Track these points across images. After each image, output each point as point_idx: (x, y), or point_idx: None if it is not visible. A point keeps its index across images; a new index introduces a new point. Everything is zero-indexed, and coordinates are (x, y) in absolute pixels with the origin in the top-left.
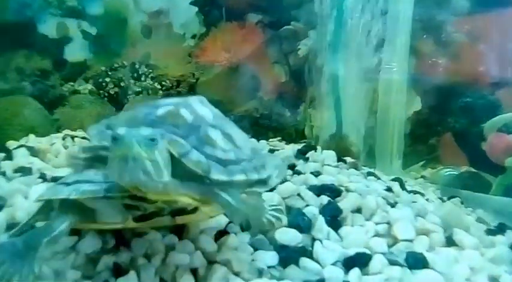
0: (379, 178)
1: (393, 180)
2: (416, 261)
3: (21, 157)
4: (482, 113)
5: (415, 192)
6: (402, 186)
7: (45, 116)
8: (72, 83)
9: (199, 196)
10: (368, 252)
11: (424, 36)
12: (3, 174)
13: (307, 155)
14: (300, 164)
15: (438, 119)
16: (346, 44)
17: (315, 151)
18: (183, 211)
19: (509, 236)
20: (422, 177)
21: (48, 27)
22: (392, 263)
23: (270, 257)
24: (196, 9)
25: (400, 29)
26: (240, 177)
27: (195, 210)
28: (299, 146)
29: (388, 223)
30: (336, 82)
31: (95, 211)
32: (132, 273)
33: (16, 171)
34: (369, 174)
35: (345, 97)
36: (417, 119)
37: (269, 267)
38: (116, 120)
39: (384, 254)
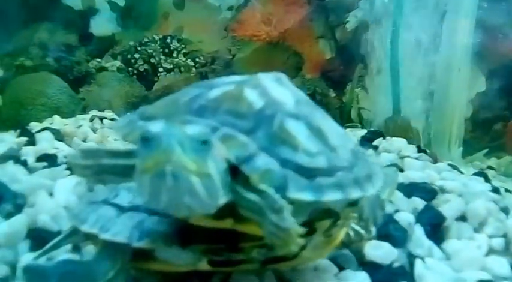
0: (461, 172)
1: (475, 174)
2: None
3: (45, 142)
4: None
5: (506, 190)
6: (487, 181)
7: (70, 95)
8: (98, 60)
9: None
10: (489, 278)
11: (492, 6)
12: (25, 164)
13: (374, 143)
14: (370, 156)
15: (505, 102)
16: (404, 15)
17: (383, 138)
18: (279, 258)
19: None
20: (489, 167)
21: None
22: None
23: (359, 279)
24: None
25: None
26: (333, 196)
27: (295, 255)
28: (359, 132)
29: (504, 236)
30: (393, 59)
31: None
32: None
33: (39, 159)
34: (450, 166)
35: (403, 76)
36: (480, 102)
37: None
38: (154, 107)
39: (507, 279)
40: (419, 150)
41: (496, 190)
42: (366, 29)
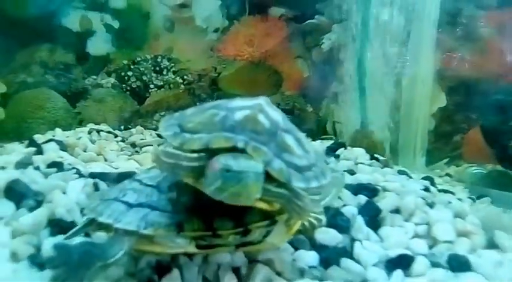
0: (410, 177)
1: (424, 179)
2: (459, 264)
3: (52, 151)
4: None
5: (446, 191)
6: (433, 186)
7: (67, 109)
8: (94, 77)
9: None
10: (410, 253)
11: (451, 30)
12: (38, 168)
13: (337, 152)
14: (331, 162)
15: (463, 116)
16: (372, 38)
17: (345, 148)
18: (248, 243)
19: None
20: (447, 175)
21: (72, 21)
22: (435, 265)
23: (310, 257)
24: (219, 2)
25: (426, 23)
26: (314, 183)
27: (260, 241)
28: (327, 143)
29: (427, 224)
30: (361, 77)
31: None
32: (175, 271)
33: (49, 166)
34: (400, 172)
35: (370, 92)
36: (442, 116)
37: (310, 267)
38: (187, 120)
39: (425, 255)
40: (372, 158)
41: (427, 189)
42: (339, 50)
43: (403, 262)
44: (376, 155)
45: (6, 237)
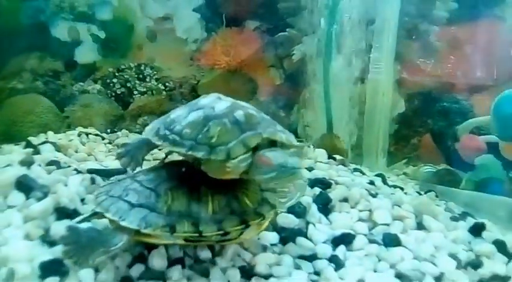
0: (364, 173)
1: (376, 175)
2: (390, 240)
3: (48, 152)
4: (457, 116)
5: (396, 187)
6: (384, 181)
7: (56, 113)
8: (82, 83)
9: None
10: (352, 233)
11: (409, 43)
12: (40, 166)
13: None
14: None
15: (420, 121)
16: (337, 49)
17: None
18: (227, 240)
19: (469, 222)
20: (404, 174)
21: (60, 31)
22: (372, 242)
23: (272, 237)
24: (199, 15)
25: (386, 36)
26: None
27: (236, 238)
28: None
29: (369, 210)
30: (327, 85)
31: None
32: (161, 248)
33: (48, 164)
34: (355, 170)
35: (335, 99)
36: (401, 120)
37: (272, 244)
38: (202, 136)
39: (365, 235)
40: (329, 157)
41: (372, 183)
42: (308, 60)
43: (346, 239)
44: (334, 155)
45: (20, 222)
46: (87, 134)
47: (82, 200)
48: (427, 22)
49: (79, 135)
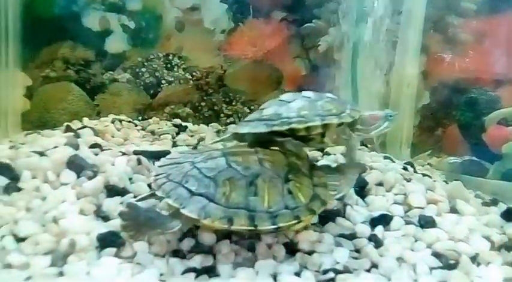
0: (394, 161)
1: (406, 163)
2: (426, 222)
3: (88, 136)
4: (484, 107)
5: (424, 175)
6: (414, 169)
7: (87, 101)
8: (111, 72)
9: None
10: (389, 214)
11: (434, 35)
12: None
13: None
14: (330, 148)
15: (444, 113)
16: (364, 40)
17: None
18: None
19: (501, 207)
20: (428, 164)
21: (92, 21)
22: (408, 223)
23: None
24: (226, 6)
25: (412, 28)
26: None
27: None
28: None
29: (404, 194)
30: (353, 76)
31: None
32: None
33: (92, 146)
34: (385, 157)
35: (361, 90)
36: (425, 112)
37: (312, 224)
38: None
39: (401, 217)
40: (362, 144)
41: (405, 169)
42: (334, 51)
43: (383, 220)
44: (365, 143)
45: (74, 198)
46: (120, 121)
47: (130, 179)
48: (454, 14)
49: (113, 121)
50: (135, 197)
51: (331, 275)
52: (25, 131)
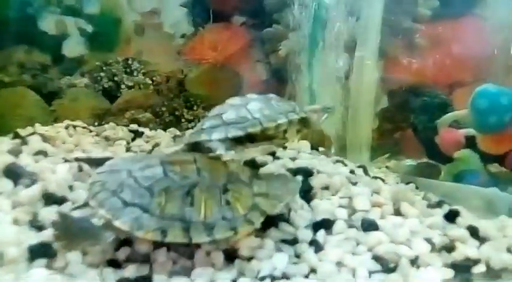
0: (345, 164)
1: (358, 166)
2: (369, 225)
3: (36, 143)
4: (436, 110)
5: (376, 178)
6: (365, 172)
7: (43, 107)
8: (69, 77)
9: None
10: (332, 218)
11: (391, 40)
12: (28, 155)
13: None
14: (279, 151)
15: (402, 116)
16: (322, 45)
17: (292, 141)
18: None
19: (444, 209)
20: (386, 167)
21: (48, 24)
22: (351, 226)
23: None
24: (186, 10)
25: (370, 33)
26: None
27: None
28: None
29: (349, 197)
30: (311, 80)
31: None
32: None
33: (36, 154)
34: (337, 161)
35: (319, 94)
36: (383, 116)
37: (256, 230)
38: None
39: (345, 220)
40: (312, 148)
41: (352, 172)
42: (294, 56)
43: (326, 224)
44: (317, 147)
45: (8, 207)
46: (74, 127)
47: (70, 187)
48: (410, 20)
49: (66, 127)
50: (73, 205)
51: (267, 281)
52: None
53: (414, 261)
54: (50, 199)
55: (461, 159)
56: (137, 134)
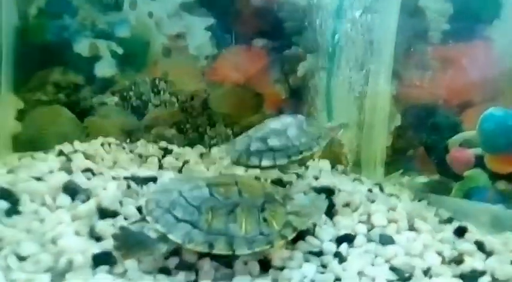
0: (363, 183)
1: (375, 184)
2: (386, 240)
3: (79, 160)
4: (447, 130)
5: (391, 195)
6: (381, 189)
7: (76, 124)
8: (100, 96)
9: None
10: (352, 233)
11: (404, 61)
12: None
13: (307, 164)
14: (302, 170)
15: (414, 134)
16: (339, 67)
17: (313, 160)
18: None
19: (454, 225)
20: (400, 183)
21: (82, 47)
22: (370, 240)
23: None
24: (210, 34)
25: (384, 55)
26: None
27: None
28: None
29: (368, 214)
30: (329, 100)
31: None
32: None
33: (84, 171)
34: (355, 179)
35: (336, 113)
36: (397, 133)
37: (287, 242)
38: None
39: (364, 235)
40: (333, 167)
41: (370, 191)
42: (312, 76)
43: (348, 238)
44: (337, 165)
45: (69, 220)
46: (109, 144)
47: (120, 202)
48: (423, 42)
49: (102, 144)
50: (125, 218)
51: None
52: (16, 153)
53: (427, 272)
54: (104, 213)
55: (470, 177)
56: (167, 151)
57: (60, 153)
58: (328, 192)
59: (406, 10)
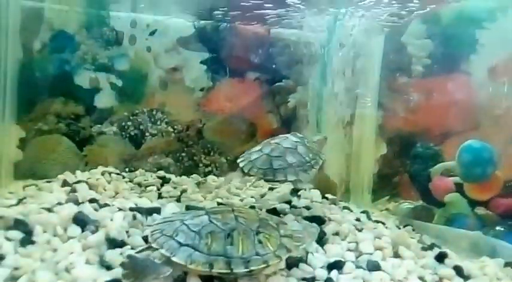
0: (351, 211)
1: (362, 212)
2: (373, 266)
3: (83, 190)
4: (428, 160)
5: (378, 222)
6: (368, 217)
7: (76, 152)
8: (99, 125)
9: None
10: (343, 260)
11: (389, 93)
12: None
13: (299, 193)
14: (294, 201)
15: (399, 162)
16: (327, 98)
17: (305, 190)
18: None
19: (435, 251)
20: (386, 209)
21: (83, 80)
22: (358, 267)
23: (280, 263)
24: (205, 67)
25: (370, 87)
26: None
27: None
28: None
29: (356, 242)
30: (318, 129)
31: None
32: None
33: (90, 201)
34: (344, 207)
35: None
36: (383, 161)
37: (280, 269)
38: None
39: (353, 261)
40: (323, 197)
41: (358, 220)
42: (302, 107)
43: (338, 265)
44: (326, 195)
45: (80, 250)
46: (109, 173)
47: (126, 232)
48: (405, 75)
49: (102, 174)
50: (132, 248)
51: None
52: (18, 181)
53: None
54: (112, 243)
55: (451, 203)
56: (165, 180)
57: (65, 183)
58: (319, 221)
59: (389, 46)
